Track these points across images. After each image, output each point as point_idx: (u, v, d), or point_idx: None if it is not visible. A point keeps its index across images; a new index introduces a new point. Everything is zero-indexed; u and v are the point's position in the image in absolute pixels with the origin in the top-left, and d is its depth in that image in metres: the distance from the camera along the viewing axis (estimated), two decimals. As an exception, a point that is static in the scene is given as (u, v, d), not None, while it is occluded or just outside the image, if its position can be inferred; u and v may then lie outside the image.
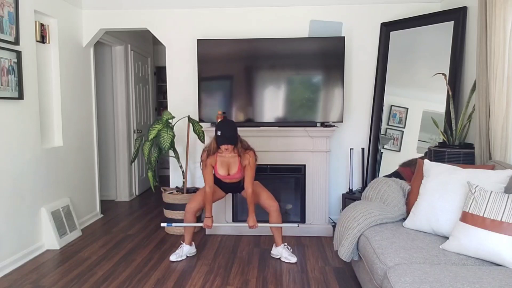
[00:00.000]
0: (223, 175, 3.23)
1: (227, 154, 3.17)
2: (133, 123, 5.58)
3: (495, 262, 1.99)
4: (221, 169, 3.22)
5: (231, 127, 3.12)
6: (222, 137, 3.06)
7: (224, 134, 3.06)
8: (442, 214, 2.32)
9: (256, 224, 3.22)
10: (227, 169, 3.22)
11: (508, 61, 2.65)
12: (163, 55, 4.56)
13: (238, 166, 3.19)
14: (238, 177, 3.25)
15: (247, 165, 3.16)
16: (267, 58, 4.00)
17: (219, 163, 3.21)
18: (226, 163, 3.21)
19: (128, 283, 2.86)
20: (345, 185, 4.25)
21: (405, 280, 1.81)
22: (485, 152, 2.84)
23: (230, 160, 3.19)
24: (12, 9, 3.09)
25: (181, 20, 4.26)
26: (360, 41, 4.16)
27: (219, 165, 3.21)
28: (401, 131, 3.90)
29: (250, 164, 3.16)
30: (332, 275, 3.00)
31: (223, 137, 3.06)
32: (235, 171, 3.21)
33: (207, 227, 3.26)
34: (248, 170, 3.17)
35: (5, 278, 2.96)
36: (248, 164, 3.16)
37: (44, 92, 3.70)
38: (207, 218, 3.25)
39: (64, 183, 3.88)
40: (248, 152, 3.17)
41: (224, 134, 3.06)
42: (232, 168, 3.21)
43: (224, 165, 3.21)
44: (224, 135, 3.06)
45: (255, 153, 3.20)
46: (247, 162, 3.16)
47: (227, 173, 3.22)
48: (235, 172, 3.21)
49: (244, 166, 3.18)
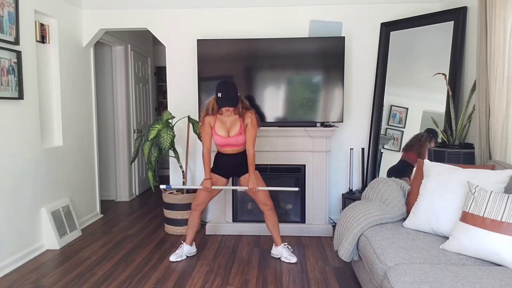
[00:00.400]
0: (223, 136, 3.14)
1: (227, 115, 3.11)
2: (133, 123, 5.58)
3: (495, 262, 1.99)
4: (220, 130, 3.14)
5: (232, 88, 3.04)
6: (223, 99, 2.98)
7: (225, 96, 2.98)
8: (442, 214, 2.32)
9: (256, 186, 3.16)
10: (227, 130, 3.14)
11: (508, 61, 2.65)
12: (163, 55, 4.55)
13: (240, 126, 3.11)
14: (239, 140, 3.14)
15: (249, 123, 3.10)
16: (267, 58, 4.00)
17: (219, 124, 3.14)
18: (226, 124, 3.14)
19: (128, 283, 2.86)
20: (345, 185, 4.25)
21: (405, 280, 1.81)
22: (485, 152, 2.84)
23: (230, 120, 3.12)
24: (12, 9, 3.09)
25: (181, 20, 4.26)
26: (360, 41, 4.16)
27: (219, 125, 3.14)
28: (401, 131, 3.90)
29: (252, 122, 3.10)
30: (332, 275, 3.00)
31: (224, 99, 2.98)
32: (236, 132, 3.12)
33: (206, 189, 3.19)
34: (250, 129, 3.11)
35: (5, 278, 2.96)
36: (250, 123, 3.10)
37: (44, 92, 3.70)
38: (206, 179, 3.19)
39: (64, 183, 3.88)
40: (249, 111, 3.13)
41: (225, 96, 2.98)
42: (232, 129, 3.13)
43: (223, 126, 3.14)
44: (225, 97, 2.98)
45: (256, 113, 3.16)
46: (249, 120, 3.10)
47: (227, 134, 3.14)
48: (236, 133, 3.12)
49: (246, 125, 3.11)
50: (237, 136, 3.13)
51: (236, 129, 3.13)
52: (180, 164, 4.10)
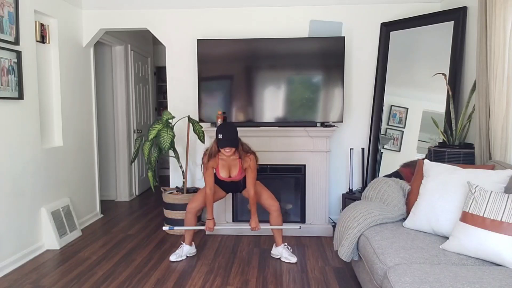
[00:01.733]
0: (225, 177, 3.23)
1: (228, 157, 3.16)
2: (133, 123, 5.58)
3: (495, 262, 1.99)
4: (222, 171, 3.21)
5: (232, 130, 3.10)
6: (224, 140, 3.04)
7: (225, 137, 3.04)
8: (442, 214, 2.32)
9: (258, 226, 3.23)
10: (228, 171, 3.21)
11: (508, 61, 2.65)
12: (163, 55, 4.56)
13: (239, 168, 3.18)
14: (239, 178, 3.25)
15: (248, 168, 3.16)
16: (267, 58, 4.00)
17: (221, 166, 3.20)
18: (227, 166, 3.20)
19: (128, 283, 2.86)
20: (345, 185, 4.25)
21: (405, 280, 1.81)
22: (485, 152, 2.84)
23: (231, 162, 3.19)
24: (12, 9, 3.09)
25: (181, 20, 4.26)
26: (360, 41, 4.16)
27: (221, 167, 3.21)
28: (401, 131, 3.90)
29: (251, 167, 3.15)
30: (332, 275, 3.00)
31: (224, 140, 3.04)
32: (236, 174, 3.20)
33: (209, 229, 3.26)
34: (249, 173, 3.16)
35: (5, 278, 2.96)
36: (249, 167, 3.15)
37: (44, 92, 3.70)
38: (208, 220, 3.24)
39: (64, 183, 3.88)
40: (249, 155, 3.16)
41: (225, 137, 3.04)
42: (233, 170, 3.20)
43: (225, 168, 3.21)
44: (225, 138, 3.04)
45: (256, 156, 3.19)
46: (248, 165, 3.15)
47: (228, 175, 3.22)
48: (236, 174, 3.20)
49: (245, 169, 3.17)
50: (237, 176, 3.22)
51: (236, 171, 3.20)
52: (180, 164, 4.10)
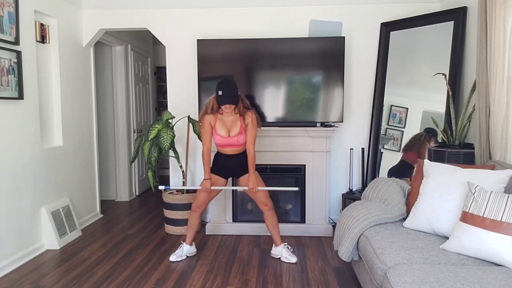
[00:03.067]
0: (223, 136, 3.12)
1: (227, 114, 3.10)
2: (133, 123, 5.58)
3: (495, 262, 1.99)
4: (221, 130, 3.12)
5: (232, 86, 3.03)
6: (224, 96, 2.96)
7: (226, 94, 2.96)
8: (442, 214, 2.32)
9: (256, 186, 3.15)
10: (227, 130, 3.12)
11: (508, 61, 2.65)
12: (163, 55, 4.55)
13: (240, 126, 3.10)
14: (239, 140, 3.13)
15: (250, 123, 3.09)
16: (267, 58, 4.00)
17: (219, 123, 3.11)
18: (227, 124, 3.12)
19: (128, 283, 2.86)
20: (345, 185, 4.25)
21: (405, 280, 1.81)
22: (485, 152, 2.84)
23: (231, 119, 3.11)
24: (12, 9, 3.09)
25: (181, 20, 4.26)
26: (360, 41, 4.16)
27: (219, 125, 3.12)
28: (401, 131, 3.90)
29: (253, 121, 3.09)
30: (332, 275, 3.00)
31: (224, 97, 2.96)
32: (237, 132, 3.11)
33: (206, 189, 3.17)
34: (250, 129, 3.09)
35: (5, 278, 2.96)
36: (250, 122, 3.08)
37: (44, 92, 3.70)
38: (205, 180, 3.16)
39: (64, 183, 3.88)
40: (249, 110, 3.12)
41: (226, 94, 2.96)
42: (233, 129, 3.11)
43: (224, 126, 3.12)
44: (226, 94, 2.96)
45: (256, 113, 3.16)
46: (249, 120, 3.08)
47: (227, 134, 3.12)
48: (236, 132, 3.11)
49: (247, 124, 3.10)
50: (237, 135, 3.12)
51: (236, 129, 3.11)
52: (180, 164, 4.10)
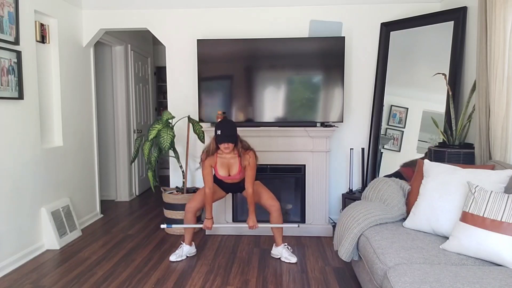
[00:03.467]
0: (224, 176, 3.22)
1: (227, 154, 3.15)
2: (133, 123, 5.58)
3: (495, 262, 1.99)
4: (221, 170, 3.20)
5: (230, 126, 3.10)
6: (222, 135, 3.03)
7: (224, 133, 3.03)
8: (442, 214, 2.32)
9: (256, 224, 3.21)
10: (228, 170, 3.20)
11: (508, 61, 2.65)
12: (163, 55, 4.56)
13: (239, 166, 3.17)
14: (238, 178, 3.24)
15: (247, 165, 3.14)
16: (267, 58, 4.00)
17: (219, 164, 3.19)
18: (226, 164, 3.19)
19: (128, 283, 2.86)
20: (345, 185, 4.25)
21: (405, 280, 1.81)
22: (485, 152, 2.84)
23: (230, 160, 3.18)
24: (12, 9, 3.09)
25: (181, 20, 4.26)
26: (360, 41, 4.16)
27: (219, 166, 3.19)
28: (401, 131, 3.90)
29: (250, 164, 3.13)
30: (332, 275, 3.00)
31: (223, 136, 3.03)
32: (236, 172, 3.19)
33: (207, 228, 3.25)
34: (248, 171, 3.15)
35: (5, 278, 2.96)
36: (248, 165, 3.14)
37: (44, 92, 3.70)
38: (207, 219, 3.24)
39: (64, 183, 3.88)
40: (248, 152, 3.15)
41: (224, 133, 3.03)
42: (232, 169, 3.19)
43: (224, 166, 3.19)
44: (224, 133, 3.03)
45: (256, 153, 3.18)
46: (247, 163, 3.14)
47: (227, 174, 3.21)
48: (235, 173, 3.19)
49: (245, 166, 3.16)
50: (237, 174, 3.20)
51: (235, 169, 3.18)
52: (180, 164, 4.10)
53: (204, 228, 3.26)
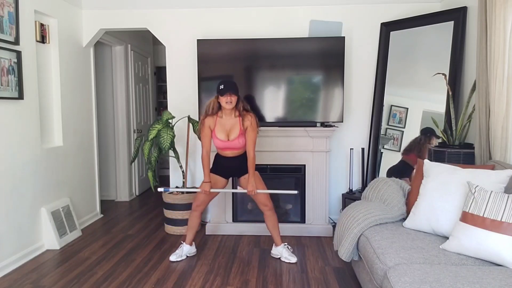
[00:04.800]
0: (223, 140, 3.14)
1: (227, 116, 3.11)
2: (133, 123, 5.58)
3: (495, 262, 1.99)
4: (220, 133, 3.13)
5: (233, 82, 3.09)
6: (225, 88, 2.99)
7: (227, 86, 3.00)
8: (442, 214, 2.32)
9: (255, 189, 3.15)
10: (227, 134, 3.14)
11: (508, 61, 2.65)
12: (163, 55, 4.55)
13: (240, 128, 3.11)
14: (239, 143, 3.14)
15: (249, 126, 3.10)
16: (267, 58, 4.00)
17: (219, 126, 3.13)
18: (226, 127, 3.13)
19: (128, 283, 2.86)
20: (345, 185, 4.25)
21: (405, 280, 1.81)
22: (485, 152, 2.84)
23: (230, 123, 3.12)
24: (12, 9, 3.09)
25: (181, 20, 4.26)
26: (360, 41, 4.16)
27: (219, 128, 3.13)
28: (401, 131, 3.90)
29: (252, 125, 3.10)
30: (332, 275, 3.00)
31: (226, 88, 2.99)
32: (236, 135, 3.12)
33: (205, 192, 3.19)
34: (250, 132, 3.10)
35: (5, 278, 2.96)
36: (250, 125, 3.10)
37: (44, 92, 3.70)
38: (205, 182, 3.18)
39: (64, 183, 3.88)
40: (249, 113, 3.14)
41: (227, 86, 3.00)
42: (232, 132, 3.13)
43: (223, 130, 3.14)
44: (227, 86, 3.00)
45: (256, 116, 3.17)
46: (248, 123, 3.10)
47: (226, 138, 3.14)
48: (235, 136, 3.12)
49: (246, 128, 3.11)
50: (237, 139, 3.13)
51: (236, 132, 3.12)
52: (180, 164, 4.10)
53: (202, 191, 3.19)
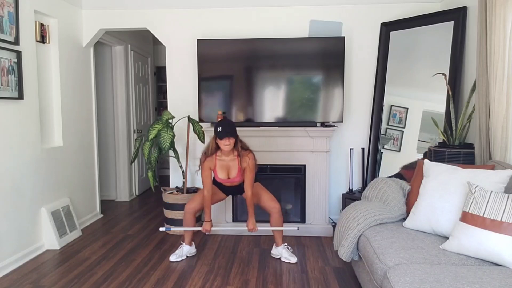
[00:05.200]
0: (223, 179, 3.20)
1: (226, 156, 3.14)
2: (133, 123, 5.58)
3: (495, 262, 1.99)
4: (220, 173, 3.18)
5: (230, 123, 3.10)
6: (223, 131, 3.01)
7: (225, 129, 3.02)
8: (442, 214, 2.32)
9: (255, 227, 3.20)
10: (227, 172, 3.18)
11: (508, 61, 2.65)
12: (163, 55, 4.56)
13: (238, 168, 3.15)
14: (238, 180, 3.22)
15: (247, 167, 3.13)
16: (267, 58, 4.00)
17: (219, 167, 3.17)
18: (226, 167, 3.17)
19: (128, 283, 2.86)
20: (345, 185, 4.25)
21: (405, 280, 1.81)
22: (485, 152, 2.84)
23: (229, 163, 3.16)
24: (12, 9, 3.09)
25: (181, 20, 4.26)
26: (360, 41, 4.16)
27: (219, 168, 3.18)
28: (401, 131, 3.90)
29: (250, 166, 3.12)
30: (332, 275, 3.00)
31: (223, 131, 3.01)
32: (235, 174, 3.17)
33: (206, 231, 3.25)
34: (248, 172, 3.13)
35: (5, 278, 2.96)
36: (247, 166, 3.12)
37: (44, 92, 3.70)
38: (206, 222, 3.23)
39: (64, 183, 3.88)
40: (247, 153, 3.14)
41: (225, 129, 3.02)
42: (231, 171, 3.17)
43: (223, 169, 3.18)
44: (225, 129, 3.02)
45: (254, 155, 3.18)
46: (246, 165, 3.12)
47: (227, 177, 3.19)
48: (235, 175, 3.17)
49: (244, 168, 3.15)
50: (237, 177, 3.19)
51: (235, 171, 3.17)
52: (180, 164, 4.10)
53: (203, 231, 3.26)
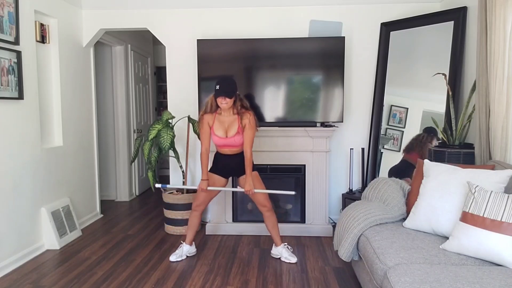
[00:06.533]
0: (221, 137, 3.13)
1: (225, 113, 3.09)
2: (133, 123, 5.58)
3: (495, 262, 1.99)
4: (218, 130, 3.12)
5: (230, 81, 3.05)
6: (220, 90, 2.96)
7: (222, 88, 2.98)
8: (442, 214, 2.32)
9: (252, 189, 3.12)
10: (225, 131, 3.12)
11: (508, 61, 2.65)
12: (163, 55, 4.55)
13: (238, 126, 3.09)
14: (237, 141, 3.12)
15: (247, 124, 3.07)
16: (267, 58, 4.00)
17: (217, 124, 3.12)
18: (224, 124, 3.12)
19: (128, 283, 2.86)
20: (345, 185, 4.25)
21: (405, 280, 1.81)
22: (485, 152, 2.84)
23: (229, 120, 3.10)
24: (12, 9, 3.09)
25: (181, 20, 4.26)
26: (360, 41, 4.16)
27: (217, 125, 3.12)
28: (401, 131, 3.90)
29: (250, 123, 3.07)
30: (332, 275, 3.00)
31: (221, 90, 2.96)
32: (234, 132, 3.10)
33: (202, 190, 3.17)
34: (248, 130, 3.08)
35: (5, 278, 2.96)
36: (248, 123, 3.07)
37: (44, 92, 3.70)
38: (202, 180, 3.17)
39: (64, 183, 3.88)
40: (248, 111, 3.11)
41: (222, 88, 2.98)
42: (230, 129, 3.11)
43: (222, 126, 3.12)
44: (222, 88, 2.97)
45: (254, 115, 3.14)
46: (247, 121, 3.07)
47: (225, 135, 3.12)
48: (234, 133, 3.10)
49: (244, 125, 3.08)
50: (235, 136, 3.12)
51: (234, 130, 3.11)
52: (180, 164, 4.10)
53: (199, 189, 3.18)
